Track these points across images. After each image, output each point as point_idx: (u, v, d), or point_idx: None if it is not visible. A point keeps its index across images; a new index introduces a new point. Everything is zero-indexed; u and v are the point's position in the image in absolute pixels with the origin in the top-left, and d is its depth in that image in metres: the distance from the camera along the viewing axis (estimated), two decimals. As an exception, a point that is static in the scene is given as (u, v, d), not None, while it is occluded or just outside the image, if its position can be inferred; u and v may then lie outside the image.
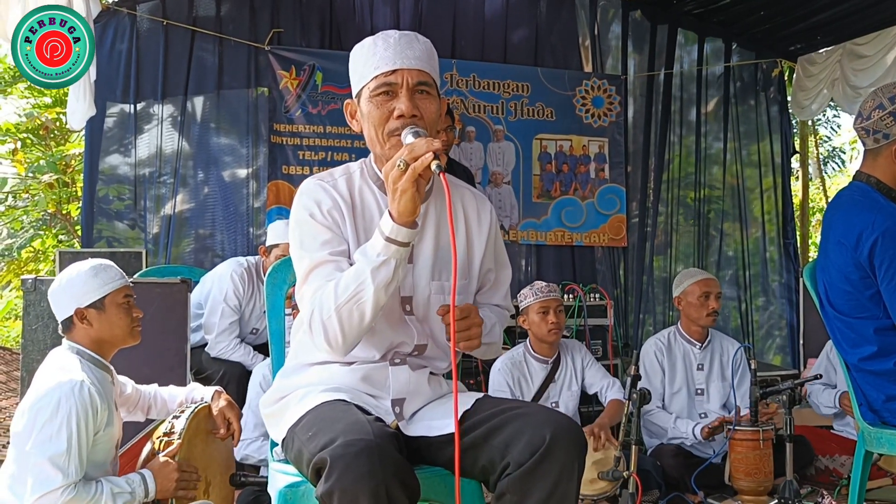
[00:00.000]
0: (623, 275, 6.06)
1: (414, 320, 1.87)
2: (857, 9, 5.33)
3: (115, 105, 5.13)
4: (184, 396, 2.78)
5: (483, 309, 1.97)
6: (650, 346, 3.92)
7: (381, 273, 1.66)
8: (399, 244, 1.66)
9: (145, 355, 3.33)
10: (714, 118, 6.34)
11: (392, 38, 1.81)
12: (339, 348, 1.74)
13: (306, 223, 1.82)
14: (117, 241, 5.15)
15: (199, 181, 5.29)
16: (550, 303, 3.61)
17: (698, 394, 3.91)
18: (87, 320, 2.42)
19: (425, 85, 1.81)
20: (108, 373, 2.51)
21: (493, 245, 2.02)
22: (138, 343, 2.61)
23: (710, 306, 3.79)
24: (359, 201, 1.88)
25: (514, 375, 3.67)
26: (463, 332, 1.76)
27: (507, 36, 5.89)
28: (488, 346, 1.95)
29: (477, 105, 5.71)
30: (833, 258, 2.36)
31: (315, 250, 1.78)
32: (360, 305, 1.67)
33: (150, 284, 3.50)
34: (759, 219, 6.31)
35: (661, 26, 6.19)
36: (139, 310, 2.58)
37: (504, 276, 2.07)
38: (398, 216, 1.65)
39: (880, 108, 2.30)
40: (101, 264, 2.51)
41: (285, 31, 5.41)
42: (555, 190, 5.85)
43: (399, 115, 1.77)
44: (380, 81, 1.78)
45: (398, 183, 1.63)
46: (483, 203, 2.02)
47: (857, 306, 2.30)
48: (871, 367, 2.29)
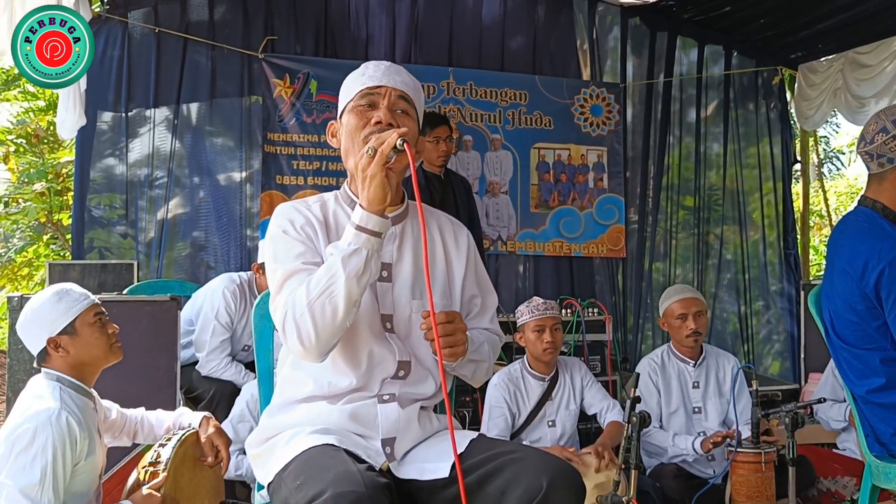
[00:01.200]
0: (622, 284, 5.99)
1: (395, 338, 1.85)
2: (858, 18, 5.27)
3: (107, 113, 5.07)
4: (171, 422, 2.70)
5: (472, 331, 1.94)
6: (644, 367, 3.85)
7: (352, 262, 1.64)
8: (370, 233, 1.67)
9: (134, 375, 3.27)
10: (714, 125, 6.27)
11: (383, 65, 1.91)
12: (313, 348, 1.68)
13: (280, 238, 1.83)
14: (109, 251, 5.08)
15: (192, 190, 5.22)
16: (546, 321, 3.54)
17: (696, 412, 3.83)
18: (61, 348, 2.35)
19: (406, 103, 1.87)
20: (90, 399, 2.43)
21: (474, 270, 2.03)
22: (121, 359, 2.53)
23: (689, 327, 3.68)
24: (332, 221, 1.90)
25: (511, 390, 3.60)
26: (447, 337, 1.73)
27: (505, 43, 5.82)
28: (477, 365, 1.92)
29: (474, 114, 5.64)
30: (838, 287, 2.30)
31: (289, 261, 1.79)
32: (332, 299, 1.64)
33: (140, 303, 3.43)
34: (758, 226, 6.25)
35: (660, 33, 6.12)
36: (114, 325, 2.49)
37: (490, 301, 2.07)
38: (368, 204, 1.66)
39: (884, 131, 2.24)
40: (63, 289, 2.42)
41: (279, 38, 5.34)
42: (553, 200, 5.78)
43: (377, 122, 1.81)
44: (363, 93, 1.85)
45: (367, 170, 1.66)
46: (460, 229, 2.05)
47: (863, 337, 2.23)
48: (879, 399, 2.23)
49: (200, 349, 3.83)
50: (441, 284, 1.95)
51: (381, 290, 1.86)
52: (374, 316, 1.83)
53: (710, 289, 6.18)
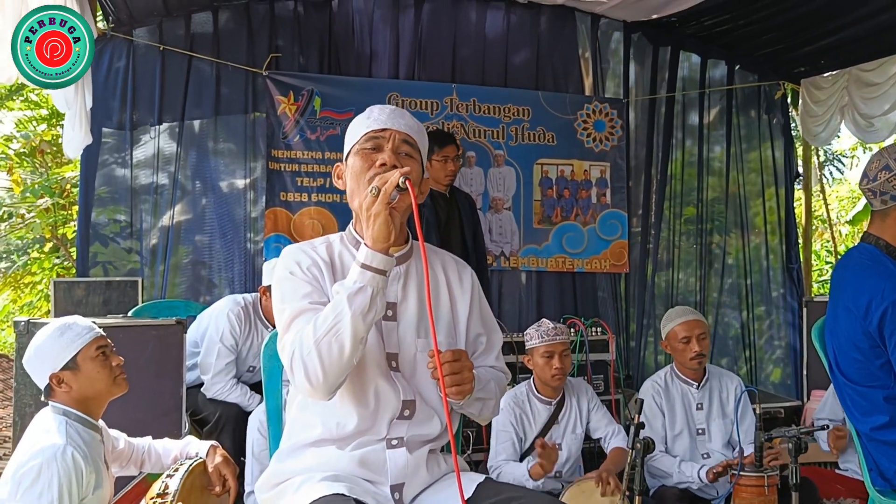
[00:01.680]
0: (625, 298, 6.00)
1: (400, 377, 1.87)
2: (862, 34, 5.27)
3: (112, 130, 5.09)
4: (178, 451, 2.71)
5: (479, 369, 1.96)
6: (648, 389, 3.85)
7: (357, 300, 1.67)
8: (375, 271, 1.70)
9: (140, 399, 3.27)
10: (716, 139, 6.28)
11: (388, 108, 1.97)
12: (321, 386, 1.70)
13: (287, 280, 1.86)
14: (113, 266, 5.10)
15: (196, 206, 5.25)
16: (556, 347, 3.54)
17: (700, 434, 3.84)
18: (64, 383, 2.37)
19: (410, 146, 1.91)
20: (97, 431, 2.45)
21: (479, 308, 2.05)
22: (127, 391, 2.55)
23: (693, 350, 3.69)
24: (338, 262, 1.92)
25: (517, 414, 3.61)
26: (453, 375, 1.75)
27: (508, 59, 5.83)
28: (484, 403, 1.94)
29: (477, 130, 5.65)
30: (842, 324, 2.31)
31: (296, 301, 1.82)
32: (339, 336, 1.67)
33: (145, 327, 3.44)
34: (761, 238, 6.25)
35: (662, 48, 6.13)
36: (118, 357, 2.51)
37: (495, 338, 2.09)
38: (373, 242, 1.70)
39: (887, 169, 2.25)
40: (65, 323, 2.44)
41: (283, 55, 5.36)
42: (556, 216, 5.80)
43: (381, 164, 1.84)
44: (368, 136, 1.89)
45: (371, 208, 1.70)
46: (464, 268, 2.07)
47: (867, 375, 2.25)
48: (882, 436, 2.24)
49: (206, 372, 3.84)
50: (446, 324, 1.97)
51: (387, 329, 1.88)
52: (379, 354, 1.85)
53: (713, 297, 6.19)
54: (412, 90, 5.55)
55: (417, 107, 5.54)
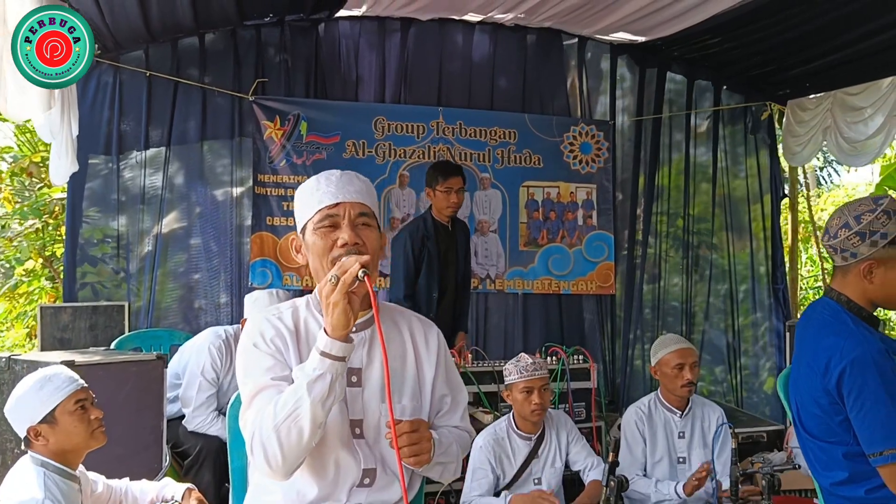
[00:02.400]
0: (611, 319, 6.03)
1: (363, 444, 1.89)
2: (847, 59, 5.30)
3: (98, 156, 5.11)
4: (155, 493, 2.74)
5: (441, 430, 2.01)
6: (631, 416, 3.88)
7: (316, 387, 1.69)
8: (334, 358, 1.71)
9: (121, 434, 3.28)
10: (702, 160, 6.31)
11: (334, 176, 1.93)
12: (280, 469, 1.74)
13: (250, 352, 1.88)
14: (102, 286, 5.12)
15: (183, 231, 5.27)
16: (535, 382, 3.54)
17: (680, 462, 3.87)
18: (41, 436, 2.39)
19: (366, 216, 1.91)
20: (75, 481, 2.47)
21: (445, 368, 2.07)
22: (104, 444, 2.57)
23: (685, 377, 3.73)
24: (303, 330, 1.93)
25: (497, 453, 3.60)
26: (412, 445, 1.79)
27: (494, 83, 5.86)
28: (444, 466, 1.97)
29: (463, 153, 5.68)
30: (804, 380, 2.34)
31: (258, 376, 1.83)
32: (297, 422, 1.70)
33: (126, 363, 3.45)
34: (747, 262, 6.29)
35: (649, 70, 6.16)
36: (97, 410, 2.53)
37: (461, 398, 2.11)
38: (332, 330, 1.72)
39: (846, 227, 2.28)
40: (47, 375, 2.46)
41: (270, 80, 5.38)
42: (542, 238, 5.83)
43: (343, 244, 1.85)
44: (323, 214, 1.88)
45: (330, 297, 1.71)
46: (430, 328, 2.09)
47: (827, 431, 2.28)
48: (842, 492, 2.27)
49: (187, 405, 3.86)
50: (411, 386, 1.98)
51: (351, 396, 1.90)
52: (342, 423, 1.87)
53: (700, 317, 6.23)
54: (398, 114, 5.58)
55: (404, 130, 5.57)
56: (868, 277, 2.29)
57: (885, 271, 2.27)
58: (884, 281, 2.28)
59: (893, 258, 2.26)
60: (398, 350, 1.99)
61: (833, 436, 2.26)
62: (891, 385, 2.16)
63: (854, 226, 2.27)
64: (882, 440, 2.14)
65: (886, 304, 2.37)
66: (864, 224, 2.26)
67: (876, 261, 2.27)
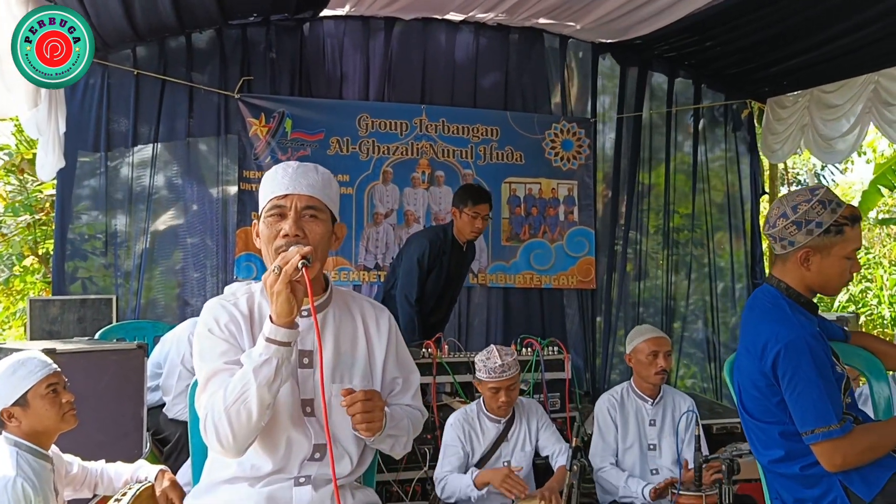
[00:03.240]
0: (591, 313, 6.12)
1: (314, 422, 1.97)
2: (824, 58, 5.39)
3: (87, 153, 5.21)
4: (129, 474, 2.82)
5: (392, 407, 2.10)
6: (604, 403, 3.98)
7: (262, 371, 1.78)
8: (279, 343, 1.80)
9: (101, 421, 3.39)
10: (683, 157, 6.40)
11: (290, 168, 2.00)
12: (231, 448, 1.83)
13: (206, 337, 1.97)
14: (92, 282, 5.22)
15: (170, 226, 5.37)
16: (503, 383, 3.62)
17: (651, 449, 3.95)
18: (14, 418, 2.49)
19: (314, 209, 1.97)
20: (48, 461, 2.57)
21: (396, 350, 2.15)
22: (74, 426, 2.67)
23: (659, 365, 3.83)
24: (257, 314, 2.02)
25: (466, 430, 3.70)
26: (365, 413, 1.89)
27: (478, 80, 5.97)
28: (395, 439, 2.05)
29: (446, 150, 5.79)
30: (744, 363, 2.44)
31: (212, 360, 1.92)
32: (246, 405, 1.79)
33: (106, 352, 3.55)
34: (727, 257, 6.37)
35: (630, 69, 6.26)
36: (69, 394, 2.62)
37: (412, 378, 2.21)
38: (276, 317, 1.81)
39: (784, 216, 2.38)
40: (20, 360, 2.56)
41: (255, 78, 5.49)
42: (524, 233, 5.93)
43: (284, 235, 1.92)
44: (273, 204, 1.96)
45: (273, 286, 1.79)
46: (381, 312, 2.17)
47: (765, 411, 2.37)
48: (779, 469, 2.36)
49: (167, 393, 3.96)
50: (362, 368, 2.07)
51: (303, 376, 1.99)
52: (294, 402, 1.96)
53: (680, 311, 6.33)
54: (382, 111, 5.68)
55: (387, 128, 5.68)
56: (805, 265, 2.38)
57: (820, 259, 2.36)
58: (820, 268, 2.37)
59: (828, 246, 2.34)
60: (349, 333, 2.08)
61: (770, 416, 2.35)
62: (823, 367, 2.26)
63: (791, 215, 2.37)
64: (814, 419, 2.24)
65: (823, 290, 2.46)
66: (801, 213, 2.35)
67: (812, 249, 2.36)
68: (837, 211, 2.33)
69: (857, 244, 2.39)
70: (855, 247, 2.37)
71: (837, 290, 2.49)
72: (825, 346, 2.31)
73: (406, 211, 5.70)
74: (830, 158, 5.76)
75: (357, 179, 5.60)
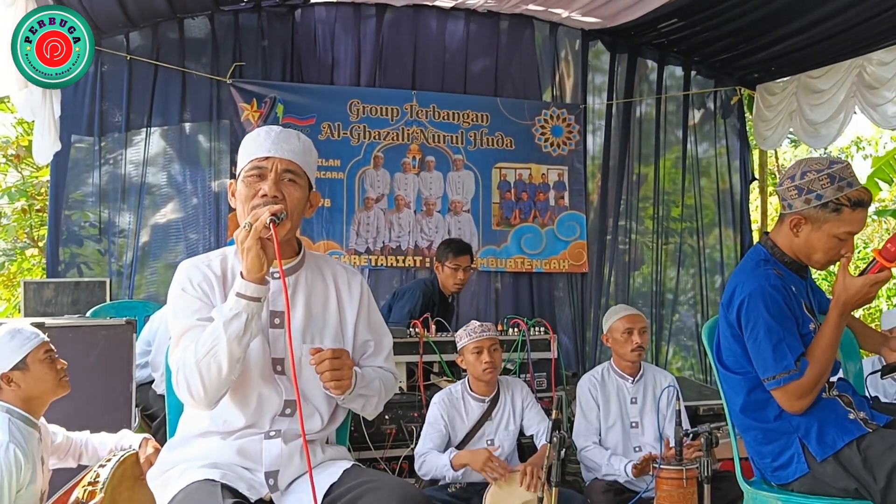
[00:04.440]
0: (582, 297, 6.16)
1: (284, 380, 2.02)
2: (809, 43, 5.44)
3: (81, 137, 5.27)
4: (113, 444, 2.88)
5: (366, 369, 2.15)
6: (585, 383, 4.02)
7: (232, 325, 1.83)
8: (249, 299, 1.84)
9: (91, 395, 3.44)
10: (673, 144, 6.45)
11: (273, 132, 2.07)
12: (203, 400, 1.88)
13: (179, 297, 2.02)
14: (87, 266, 5.28)
15: (164, 211, 5.44)
16: (484, 342, 3.68)
17: (633, 427, 3.99)
18: (13, 382, 2.55)
19: (293, 174, 2.02)
20: (36, 429, 2.63)
21: (367, 314, 2.20)
22: (68, 392, 2.73)
23: (634, 342, 3.87)
24: (230, 276, 2.07)
25: (450, 412, 3.74)
26: (333, 371, 1.92)
27: (468, 67, 6.02)
28: (366, 399, 2.10)
29: (437, 135, 5.83)
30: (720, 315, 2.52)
31: (185, 317, 1.98)
32: (216, 358, 1.83)
33: (96, 327, 3.60)
34: (716, 243, 6.41)
35: (620, 55, 6.30)
36: (62, 361, 2.70)
37: (385, 342, 2.25)
38: (247, 273, 1.85)
39: (791, 178, 2.41)
40: (13, 329, 2.62)
41: (247, 64, 5.55)
42: (514, 217, 5.97)
43: (262, 195, 1.97)
44: (253, 165, 2.01)
45: (244, 242, 1.84)
46: (354, 276, 2.22)
47: (734, 362, 2.44)
48: (744, 422, 2.44)
49: (156, 369, 4.00)
50: (333, 329, 2.12)
51: (273, 336, 2.04)
52: (265, 361, 2.01)
53: (670, 297, 6.37)
54: (373, 97, 5.73)
55: (378, 113, 5.73)
56: (794, 230, 2.41)
57: (810, 230, 2.38)
58: (807, 239, 2.40)
59: (821, 220, 2.35)
60: (321, 295, 2.13)
61: (739, 367, 2.43)
62: (784, 317, 2.31)
63: (797, 179, 2.39)
64: (773, 366, 2.31)
65: (807, 260, 2.47)
66: (806, 181, 2.36)
67: (804, 218, 2.38)
68: (844, 190, 2.32)
69: (853, 228, 2.36)
70: (850, 230, 2.36)
71: (821, 265, 2.48)
72: (790, 297, 2.35)
73: (397, 196, 5.75)
74: (816, 143, 5.78)
75: (348, 164, 5.65)
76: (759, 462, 2.48)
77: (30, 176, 6.66)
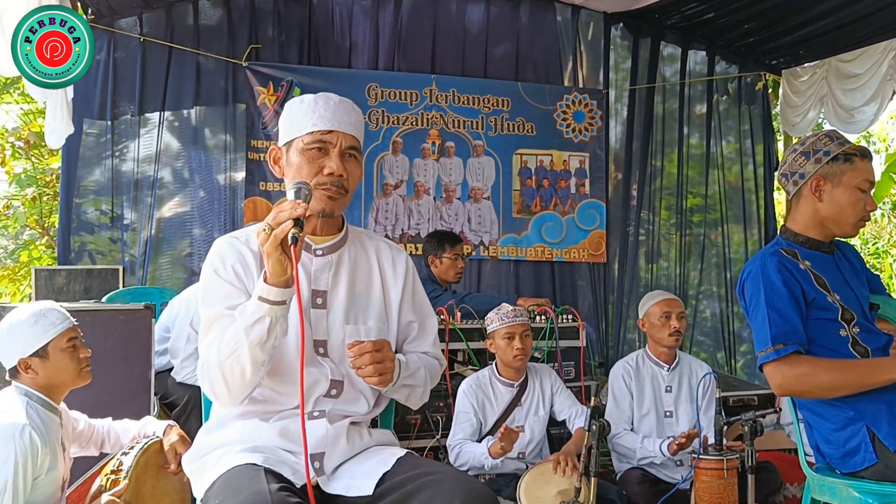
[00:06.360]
0: (603, 287, 6.03)
1: (328, 361, 1.91)
2: (839, 25, 5.30)
3: (93, 121, 5.15)
4: (136, 431, 2.77)
5: (409, 355, 2.02)
6: (619, 370, 3.91)
7: (254, 331, 1.71)
8: (272, 303, 1.72)
9: (108, 382, 3.33)
10: (697, 130, 6.31)
11: (332, 101, 1.92)
12: (227, 400, 1.80)
13: (210, 279, 1.90)
14: (100, 255, 5.17)
15: (177, 198, 5.33)
16: (516, 328, 3.58)
17: (667, 416, 3.89)
18: (31, 369, 2.42)
19: (354, 150, 1.93)
20: (57, 414, 2.50)
21: (412, 294, 2.08)
22: (89, 382, 2.61)
23: (672, 326, 3.76)
24: None
25: (479, 397, 3.64)
26: (375, 364, 1.81)
27: (488, 50, 5.88)
28: (411, 389, 1.99)
29: (457, 120, 5.71)
30: None
31: (214, 304, 1.85)
32: (239, 362, 1.73)
33: (114, 311, 3.49)
34: (741, 233, 6.29)
35: (643, 40, 6.17)
36: (86, 349, 2.56)
37: (430, 324, 2.12)
38: (269, 277, 1.72)
39: (793, 151, 2.47)
40: (42, 310, 2.48)
41: (263, 46, 5.43)
42: (535, 205, 5.84)
43: (329, 173, 1.86)
44: (315, 137, 1.88)
45: (264, 246, 1.70)
46: (398, 253, 2.10)
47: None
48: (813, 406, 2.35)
49: (175, 356, 3.88)
50: (377, 309, 2.00)
51: (316, 317, 1.91)
52: (307, 343, 1.87)
53: (693, 288, 6.24)
54: (391, 81, 5.60)
55: (397, 97, 5.60)
56: (817, 194, 2.40)
57: (831, 188, 2.39)
58: (832, 199, 2.39)
59: (838, 174, 2.38)
60: (364, 272, 2.01)
61: None
62: (780, 294, 2.30)
63: (799, 148, 2.44)
64: (761, 342, 2.31)
65: (838, 224, 2.44)
66: (808, 144, 2.43)
67: (822, 177, 2.39)
68: (845, 144, 2.40)
69: (869, 176, 2.41)
70: (867, 177, 2.40)
71: (853, 225, 2.45)
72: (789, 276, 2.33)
73: (416, 182, 5.62)
74: (851, 129, 5.65)
75: (366, 150, 5.52)
76: (825, 449, 2.37)
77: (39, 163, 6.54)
